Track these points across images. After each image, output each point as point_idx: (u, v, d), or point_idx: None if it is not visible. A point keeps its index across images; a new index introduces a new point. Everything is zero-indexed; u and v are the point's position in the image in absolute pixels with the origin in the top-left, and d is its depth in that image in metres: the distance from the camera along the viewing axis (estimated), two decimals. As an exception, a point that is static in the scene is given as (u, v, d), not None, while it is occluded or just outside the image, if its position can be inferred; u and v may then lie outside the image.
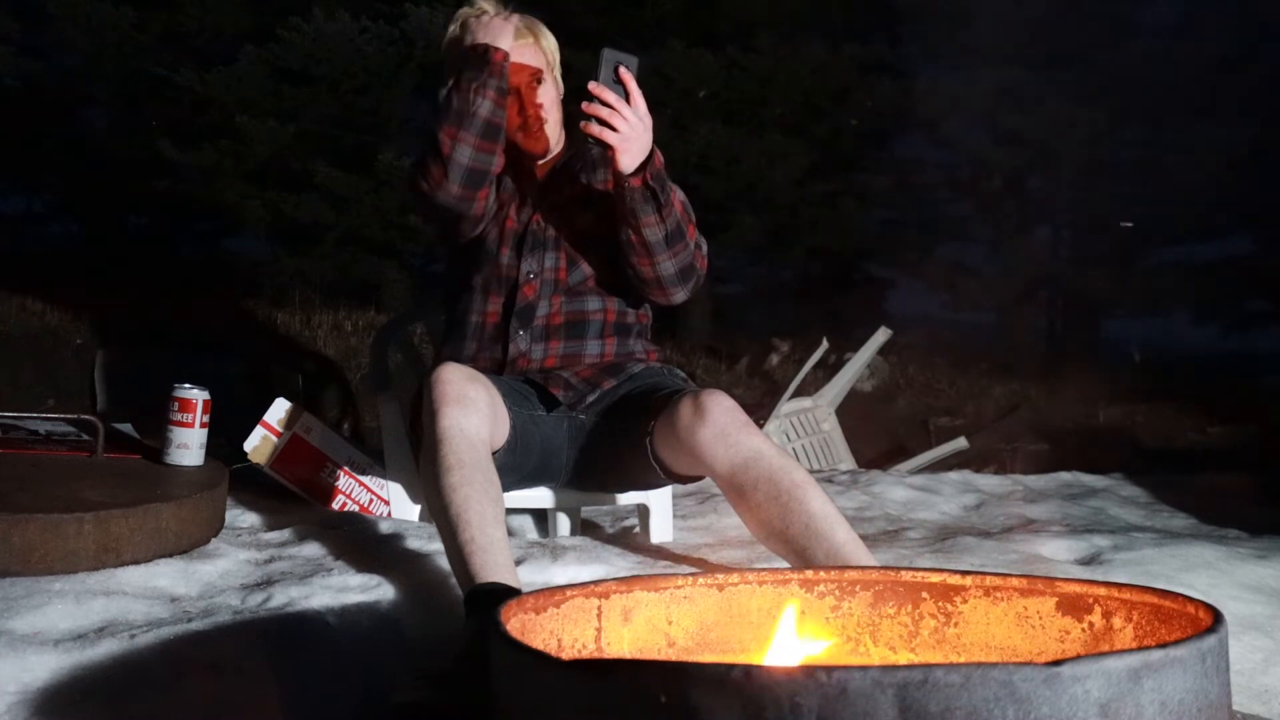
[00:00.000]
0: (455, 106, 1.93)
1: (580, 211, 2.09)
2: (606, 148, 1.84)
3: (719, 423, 1.80)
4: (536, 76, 2.03)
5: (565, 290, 2.07)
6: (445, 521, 1.67)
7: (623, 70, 1.82)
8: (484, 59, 1.95)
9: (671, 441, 1.88)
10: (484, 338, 2.07)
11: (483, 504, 1.66)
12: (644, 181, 1.88)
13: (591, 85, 1.81)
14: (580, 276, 2.07)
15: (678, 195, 1.98)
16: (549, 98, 2.06)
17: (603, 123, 1.82)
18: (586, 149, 2.11)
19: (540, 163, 2.13)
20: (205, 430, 2.08)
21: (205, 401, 2.07)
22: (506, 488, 2.03)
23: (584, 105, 1.82)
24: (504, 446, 1.90)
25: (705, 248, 2.07)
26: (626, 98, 1.83)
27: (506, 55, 1.98)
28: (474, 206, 2.00)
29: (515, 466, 1.96)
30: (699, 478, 1.99)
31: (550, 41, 2.10)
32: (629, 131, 1.83)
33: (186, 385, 2.06)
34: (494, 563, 1.58)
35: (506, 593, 1.54)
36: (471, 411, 1.76)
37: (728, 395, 1.86)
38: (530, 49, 2.04)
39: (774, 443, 1.84)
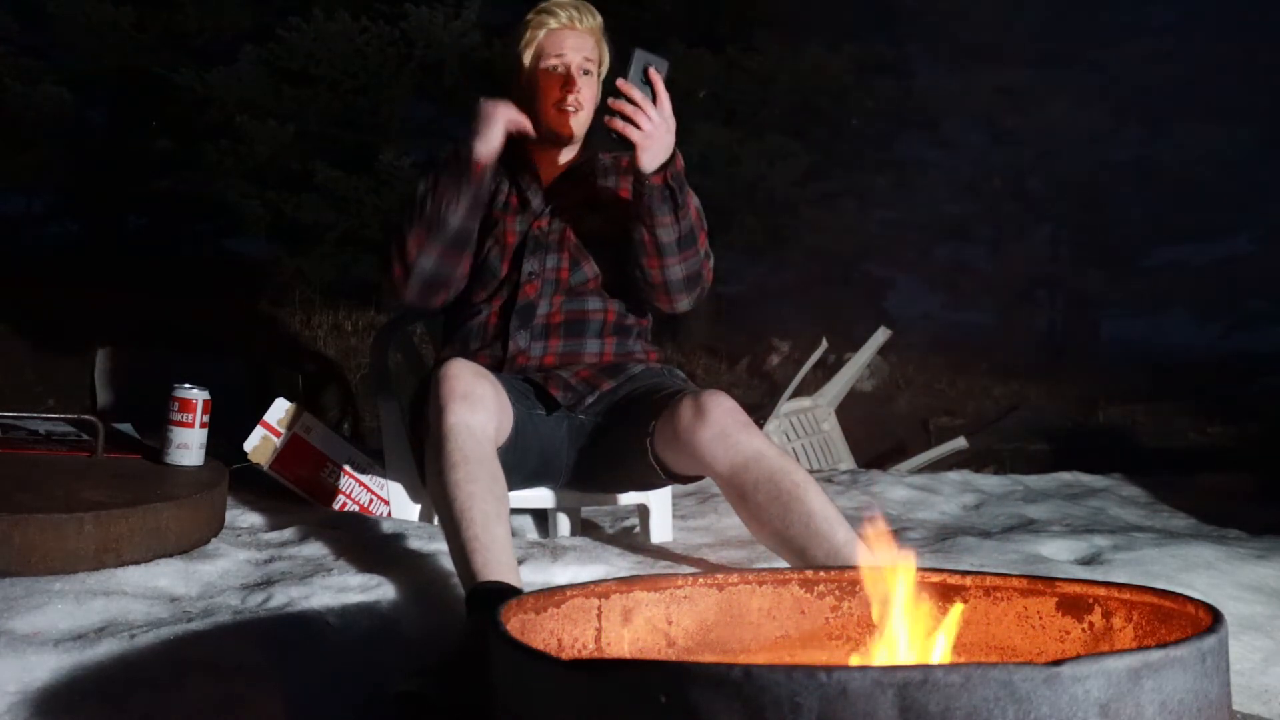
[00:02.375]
0: (428, 211, 1.99)
1: (587, 214, 2.10)
2: (629, 145, 1.87)
3: (719, 423, 1.81)
4: (587, 65, 2.06)
5: (566, 290, 2.07)
6: (449, 519, 1.67)
7: (651, 71, 1.86)
8: (466, 165, 1.98)
9: (672, 442, 1.88)
10: (485, 336, 2.08)
11: (486, 501, 1.66)
12: (664, 180, 1.90)
13: (620, 82, 1.85)
14: (583, 277, 2.08)
15: (694, 201, 2.01)
16: (589, 92, 2.08)
17: (627, 120, 1.84)
18: (598, 160, 2.13)
19: (560, 161, 2.14)
20: (205, 430, 2.08)
21: (205, 401, 2.07)
22: (509, 488, 2.04)
23: (610, 101, 1.85)
24: (505, 445, 1.91)
25: (713, 260, 2.09)
26: (654, 98, 1.86)
27: (487, 167, 2.00)
28: (433, 304, 2.08)
29: (515, 465, 1.96)
30: (699, 478, 1.99)
31: (608, 53, 2.13)
32: (652, 130, 1.86)
33: (186, 385, 2.06)
34: (496, 561, 1.59)
35: (508, 591, 1.54)
36: (479, 408, 1.77)
37: (728, 396, 1.86)
38: (593, 40, 2.09)
39: (774, 443, 1.85)
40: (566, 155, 2.14)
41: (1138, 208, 9.64)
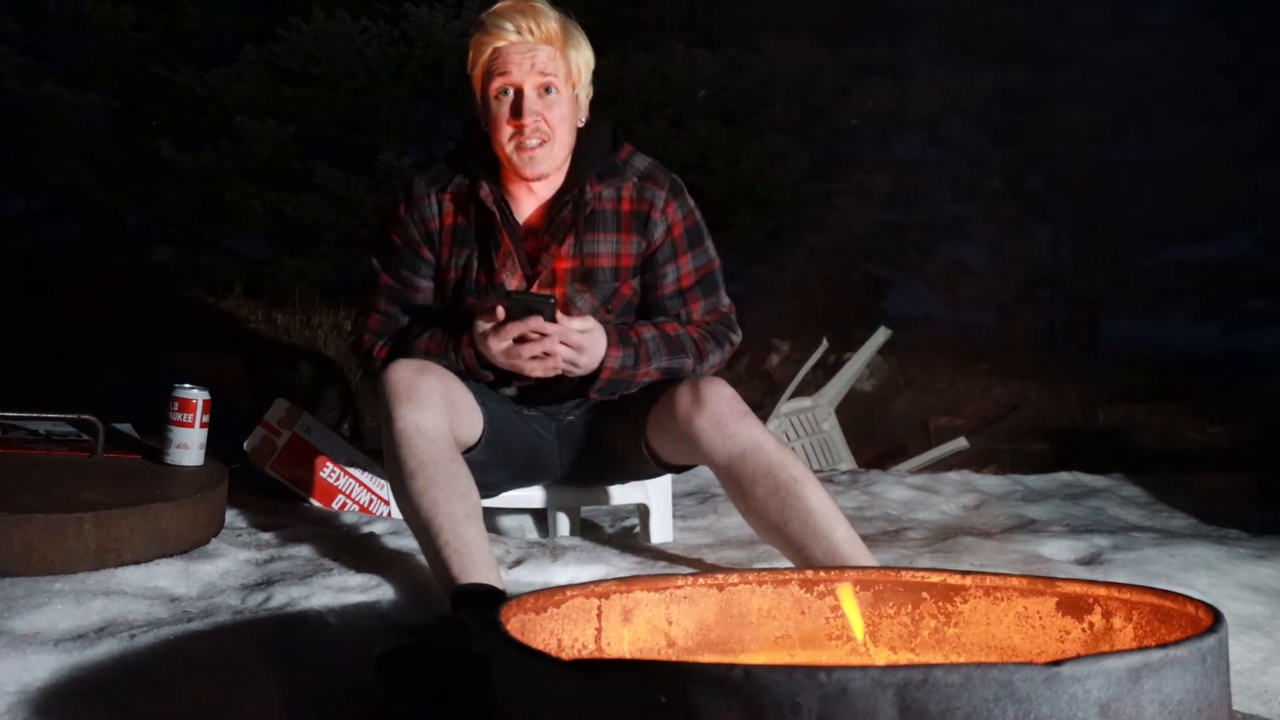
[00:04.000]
0: (446, 363, 1.86)
1: (576, 291, 1.92)
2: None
3: (716, 411, 1.78)
4: (546, 80, 1.81)
5: None
6: (418, 527, 1.66)
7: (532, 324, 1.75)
8: (478, 377, 1.88)
9: (668, 429, 1.86)
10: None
11: (451, 504, 1.64)
12: (599, 392, 1.88)
13: (510, 328, 1.76)
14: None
15: (651, 369, 1.90)
16: (557, 113, 1.83)
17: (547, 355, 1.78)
18: (585, 197, 1.89)
19: (543, 194, 1.92)
20: (205, 430, 2.08)
21: (205, 401, 2.07)
22: (499, 487, 2.03)
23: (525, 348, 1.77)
24: (480, 444, 1.88)
25: (728, 347, 2.02)
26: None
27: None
28: None
29: (500, 464, 1.95)
30: (692, 467, 1.98)
31: (582, 55, 1.86)
32: (565, 364, 1.79)
33: (186, 385, 2.06)
34: (472, 563, 1.58)
35: (490, 591, 1.55)
36: (425, 406, 1.73)
37: (727, 384, 1.84)
38: (550, 50, 1.82)
39: (772, 433, 1.83)
40: (549, 186, 1.92)
41: (1138, 208, 9.63)
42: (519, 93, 1.80)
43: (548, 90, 1.82)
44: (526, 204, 1.94)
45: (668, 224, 1.95)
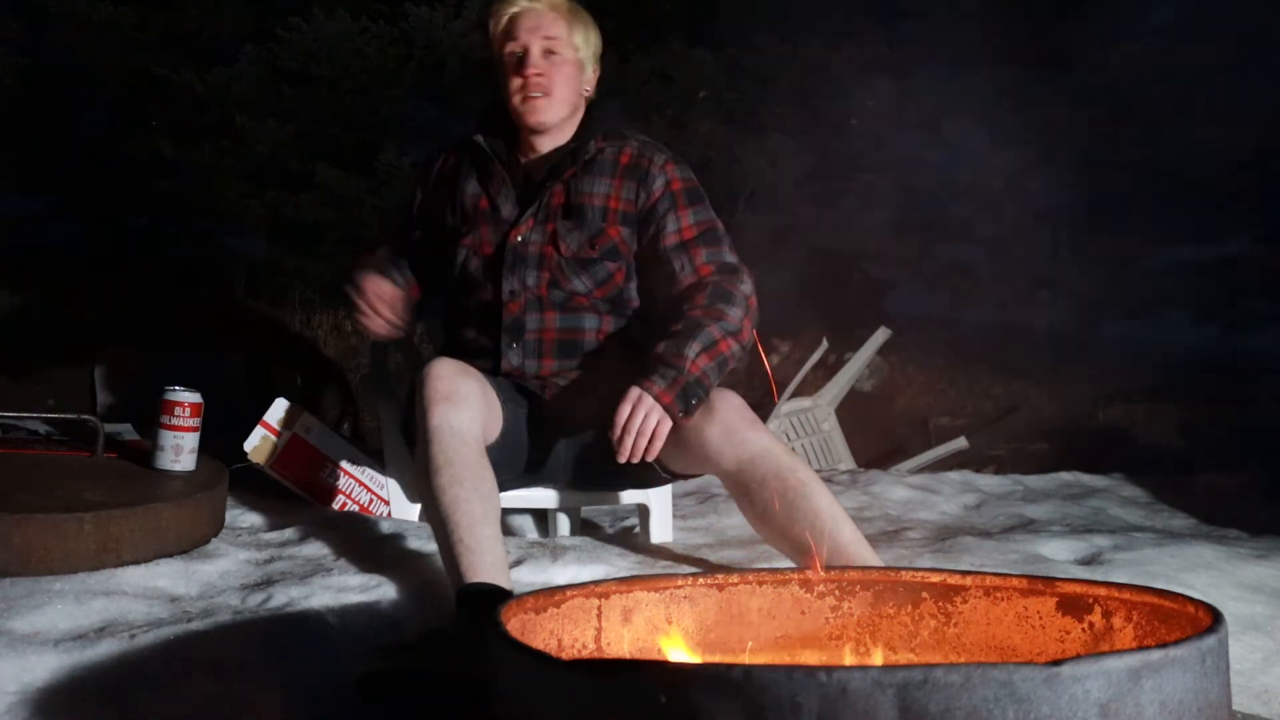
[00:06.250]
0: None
1: (566, 224, 2.01)
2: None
3: (727, 420, 1.81)
4: (550, 44, 1.99)
5: (557, 306, 2.01)
6: (437, 521, 1.69)
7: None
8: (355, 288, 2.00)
9: (677, 438, 1.87)
10: (478, 348, 2.05)
11: (472, 503, 1.67)
12: (686, 411, 1.84)
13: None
14: (562, 296, 2.01)
15: (691, 358, 1.84)
16: (560, 71, 2.00)
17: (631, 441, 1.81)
18: (586, 150, 2.05)
19: (544, 149, 2.04)
20: (196, 434, 2.07)
21: (195, 404, 2.06)
22: (505, 485, 2.03)
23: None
24: (497, 441, 1.90)
25: (739, 296, 2.00)
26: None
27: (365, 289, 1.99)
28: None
29: (508, 463, 1.96)
30: (696, 476, 1.99)
31: (587, 35, 2.06)
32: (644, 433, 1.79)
33: (177, 388, 2.05)
34: (482, 563, 1.60)
35: (495, 591, 1.56)
36: (463, 407, 1.77)
37: (735, 394, 1.87)
38: (554, 17, 2.01)
39: (781, 441, 1.85)
40: (553, 141, 2.05)
41: (1138, 208, 9.62)
42: (526, 51, 1.99)
43: (551, 52, 1.99)
44: (526, 157, 2.08)
45: (666, 179, 2.05)
